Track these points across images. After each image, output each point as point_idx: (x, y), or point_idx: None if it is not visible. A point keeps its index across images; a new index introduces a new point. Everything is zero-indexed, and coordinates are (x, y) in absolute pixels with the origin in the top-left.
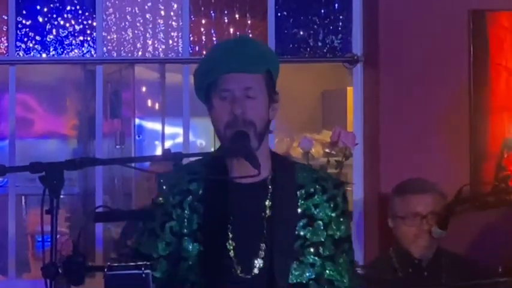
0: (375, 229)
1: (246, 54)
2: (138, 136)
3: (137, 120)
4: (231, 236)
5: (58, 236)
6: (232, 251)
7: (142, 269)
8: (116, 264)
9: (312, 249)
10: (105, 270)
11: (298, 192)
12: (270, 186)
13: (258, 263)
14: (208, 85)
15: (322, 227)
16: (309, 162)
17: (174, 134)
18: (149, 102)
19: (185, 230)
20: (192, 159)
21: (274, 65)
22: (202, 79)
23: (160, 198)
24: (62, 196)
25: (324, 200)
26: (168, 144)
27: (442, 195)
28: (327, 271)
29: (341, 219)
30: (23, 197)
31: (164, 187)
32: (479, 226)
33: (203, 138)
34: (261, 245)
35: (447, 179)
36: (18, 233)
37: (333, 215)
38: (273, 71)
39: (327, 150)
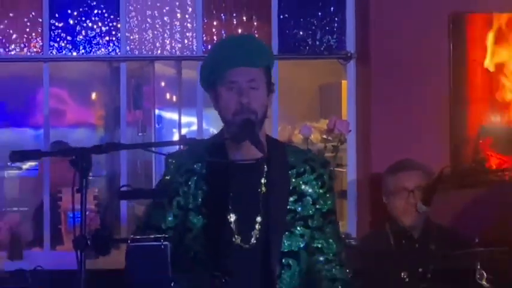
0: (367, 206)
1: (249, 50)
2: (158, 125)
3: (157, 111)
4: (231, 209)
5: (87, 213)
6: (232, 223)
7: (162, 241)
8: (138, 237)
9: (301, 222)
10: (129, 242)
11: (290, 172)
12: (265, 166)
13: (255, 233)
14: (215, 77)
15: (310, 202)
16: (309, 147)
17: (189, 123)
18: (167, 95)
19: (190, 205)
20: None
21: (271, 61)
22: (210, 71)
23: (167, 177)
24: (90, 177)
25: (312, 179)
26: (184, 131)
27: (428, 173)
28: (316, 240)
29: (327, 195)
30: (56, 179)
31: (172, 167)
32: (459, 203)
33: (215, 127)
34: (257, 218)
35: (430, 161)
36: (52, 210)
37: (321, 191)
38: (270, 65)
39: (324, 136)
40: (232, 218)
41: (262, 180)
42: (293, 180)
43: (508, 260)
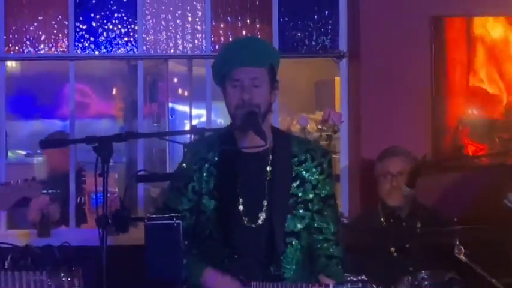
0: (357, 188)
1: (252, 52)
2: (171, 116)
3: (170, 104)
4: (239, 194)
5: (108, 194)
6: (241, 206)
7: (174, 219)
8: (153, 216)
9: (302, 205)
10: (145, 220)
11: (292, 160)
12: (270, 155)
13: (261, 215)
14: (223, 75)
15: (311, 188)
16: (306, 136)
17: (199, 115)
18: (179, 90)
19: (204, 190)
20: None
21: (276, 60)
22: (219, 70)
23: (184, 164)
24: (111, 163)
25: (312, 166)
26: (194, 122)
27: (411, 159)
28: (316, 221)
29: (326, 181)
30: (81, 165)
31: (188, 155)
32: (440, 185)
33: (222, 118)
34: (264, 201)
35: (414, 148)
36: (77, 192)
37: (320, 177)
38: (275, 64)
39: (319, 126)
40: (240, 201)
41: (268, 168)
42: (295, 167)
43: (484, 236)
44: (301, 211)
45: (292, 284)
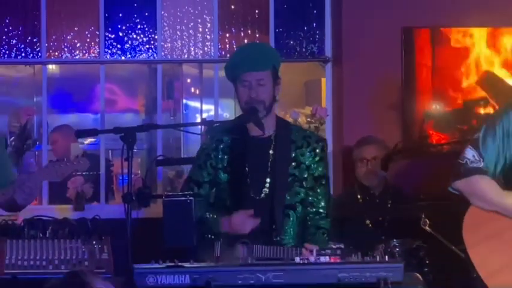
0: (340, 171)
1: (258, 58)
2: (185, 111)
3: (184, 101)
4: (247, 170)
5: (132, 176)
6: (248, 180)
7: (188, 196)
8: (170, 193)
9: (298, 183)
10: (163, 197)
11: (291, 145)
12: (273, 140)
13: (265, 190)
14: (234, 77)
15: (305, 168)
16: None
17: (208, 109)
18: (192, 89)
19: (219, 165)
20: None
21: (277, 61)
22: (230, 73)
23: (204, 146)
24: (135, 150)
25: (307, 151)
26: (204, 115)
27: (384, 146)
28: (309, 197)
29: (319, 163)
30: (109, 151)
31: (208, 137)
32: (409, 169)
33: (227, 112)
34: (267, 178)
35: (387, 138)
36: (107, 174)
37: (313, 160)
38: (277, 65)
39: (309, 119)
40: (248, 177)
41: (271, 152)
42: (293, 151)
43: (444, 210)
44: (297, 188)
45: (283, 248)
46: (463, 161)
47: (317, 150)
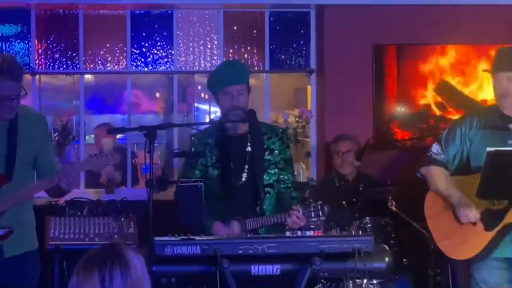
0: (322, 161)
1: (236, 74)
2: (196, 112)
3: (195, 104)
4: (231, 163)
5: (154, 165)
6: (232, 170)
7: (198, 181)
8: (184, 180)
9: (273, 166)
10: (178, 183)
11: (264, 137)
12: (249, 135)
13: (244, 175)
14: (216, 89)
15: (277, 154)
16: (287, 126)
17: (215, 111)
18: (202, 94)
19: (209, 163)
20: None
21: (248, 75)
22: (214, 86)
23: (193, 148)
24: (155, 144)
25: (277, 140)
26: (212, 116)
27: (357, 142)
28: (281, 175)
29: (286, 149)
30: (135, 145)
31: (196, 142)
32: (378, 160)
33: None
34: (246, 165)
35: (360, 135)
36: (133, 164)
37: (282, 147)
38: (248, 78)
39: (297, 119)
40: (231, 167)
41: (248, 144)
42: (266, 142)
43: (407, 194)
44: (272, 170)
45: (273, 215)
46: (429, 153)
47: (284, 139)
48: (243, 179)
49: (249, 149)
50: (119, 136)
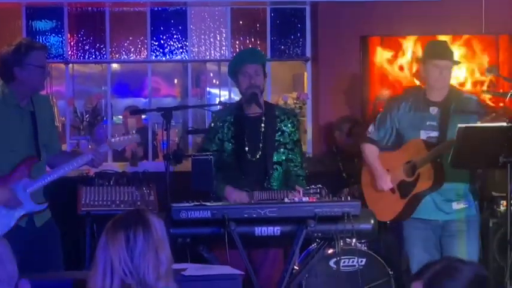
0: (317, 140)
1: (254, 55)
2: (208, 95)
3: (207, 89)
4: (246, 140)
5: (170, 141)
6: (246, 147)
7: (209, 155)
8: (197, 153)
9: (282, 146)
10: (192, 156)
11: (276, 120)
12: (263, 117)
13: (258, 153)
14: (237, 69)
15: (287, 135)
16: (287, 106)
17: (224, 95)
18: (213, 80)
19: (225, 137)
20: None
21: (265, 59)
22: (235, 66)
23: (212, 124)
24: (172, 123)
25: (288, 122)
26: (222, 99)
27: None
28: (290, 155)
29: (296, 131)
30: (155, 124)
31: (215, 118)
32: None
33: (237, 96)
34: (260, 144)
35: (350, 114)
36: (153, 140)
37: (292, 129)
38: (264, 62)
39: (295, 101)
40: (246, 144)
41: (262, 124)
42: (278, 124)
43: None
44: (281, 149)
45: (279, 190)
46: (367, 131)
47: (294, 122)
48: (257, 156)
49: (262, 129)
50: (143, 116)
